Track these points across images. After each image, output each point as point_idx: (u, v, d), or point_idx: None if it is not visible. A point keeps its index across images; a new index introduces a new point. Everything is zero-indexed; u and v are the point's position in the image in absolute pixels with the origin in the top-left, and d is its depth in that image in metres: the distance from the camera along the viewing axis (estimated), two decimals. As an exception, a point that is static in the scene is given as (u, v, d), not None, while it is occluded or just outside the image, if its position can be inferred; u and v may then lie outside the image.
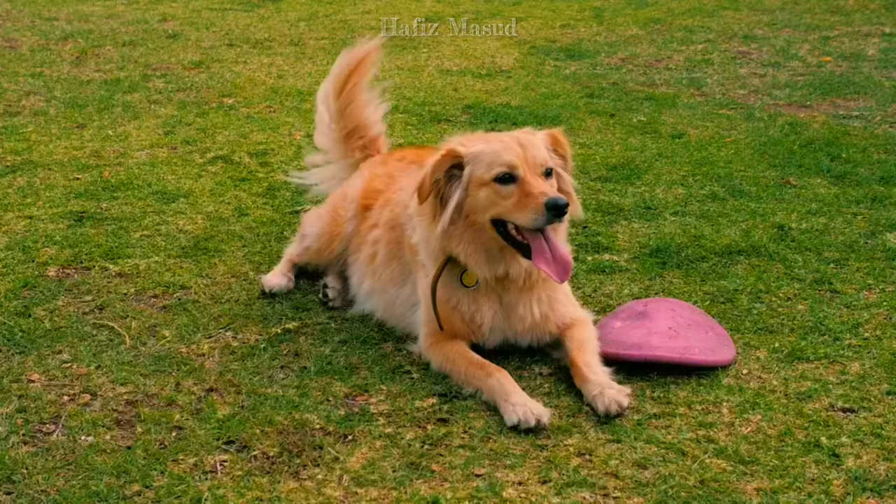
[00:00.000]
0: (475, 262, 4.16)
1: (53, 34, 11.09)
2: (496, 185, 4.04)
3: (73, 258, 5.26)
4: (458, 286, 4.24)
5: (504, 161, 4.03)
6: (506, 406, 3.85)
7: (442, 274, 4.23)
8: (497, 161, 4.04)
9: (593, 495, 3.41)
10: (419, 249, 4.34)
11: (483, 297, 4.24)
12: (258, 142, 7.32)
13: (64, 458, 3.60)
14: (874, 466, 3.54)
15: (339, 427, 3.79)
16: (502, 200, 4.03)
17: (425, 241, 4.28)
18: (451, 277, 4.24)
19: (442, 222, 4.12)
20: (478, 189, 4.08)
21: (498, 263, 4.15)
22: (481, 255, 4.15)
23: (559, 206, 3.93)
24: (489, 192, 4.05)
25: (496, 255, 4.15)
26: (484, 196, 4.06)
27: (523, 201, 3.99)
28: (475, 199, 4.09)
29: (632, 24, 12.15)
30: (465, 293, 4.24)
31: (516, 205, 4.00)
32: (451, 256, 4.20)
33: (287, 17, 12.45)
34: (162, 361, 4.28)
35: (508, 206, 4.02)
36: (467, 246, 4.14)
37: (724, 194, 6.25)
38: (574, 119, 7.92)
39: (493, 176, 4.04)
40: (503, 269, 4.16)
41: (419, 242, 4.33)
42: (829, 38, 11.17)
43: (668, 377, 4.12)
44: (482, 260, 4.15)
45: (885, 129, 7.67)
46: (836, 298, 4.84)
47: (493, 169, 4.04)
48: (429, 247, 4.26)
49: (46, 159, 6.85)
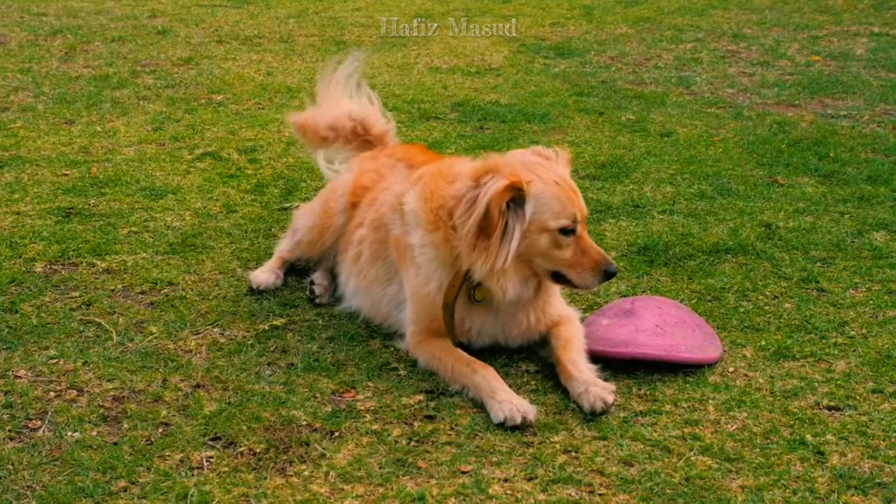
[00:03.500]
0: (505, 290, 4.08)
1: (42, 29, 11.06)
2: (559, 236, 4.02)
3: (61, 254, 5.25)
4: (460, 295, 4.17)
5: (570, 214, 4.02)
6: (492, 403, 3.85)
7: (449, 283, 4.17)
8: (564, 213, 4.01)
9: (579, 492, 3.42)
10: (416, 251, 4.25)
11: (478, 307, 4.21)
12: (247, 138, 7.31)
13: (50, 453, 3.59)
14: (859, 464, 3.56)
15: (326, 423, 3.79)
16: (559, 251, 4.03)
17: (432, 247, 4.17)
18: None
19: (500, 261, 3.99)
20: (539, 234, 4.02)
21: (524, 291, 4.15)
22: (517, 286, 4.10)
23: (612, 273, 4.06)
24: (549, 240, 4.02)
25: (528, 286, 4.15)
26: (544, 243, 4.02)
27: (580, 260, 4.03)
28: (534, 242, 4.03)
29: (621, 22, 12.16)
30: (463, 302, 4.19)
31: (572, 261, 4.03)
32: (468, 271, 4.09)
33: (277, 13, 12.43)
34: (149, 358, 4.27)
35: (565, 261, 4.04)
36: (506, 277, 4.05)
37: (711, 193, 6.26)
38: (563, 117, 7.93)
39: (559, 227, 4.01)
40: (522, 293, 4.15)
41: (418, 245, 4.23)
42: (817, 38, 11.21)
43: (655, 375, 4.13)
44: (516, 290, 4.11)
45: (873, 128, 7.70)
46: (822, 297, 4.86)
47: (560, 220, 4.00)
48: (439, 255, 4.16)
49: (34, 155, 6.83)
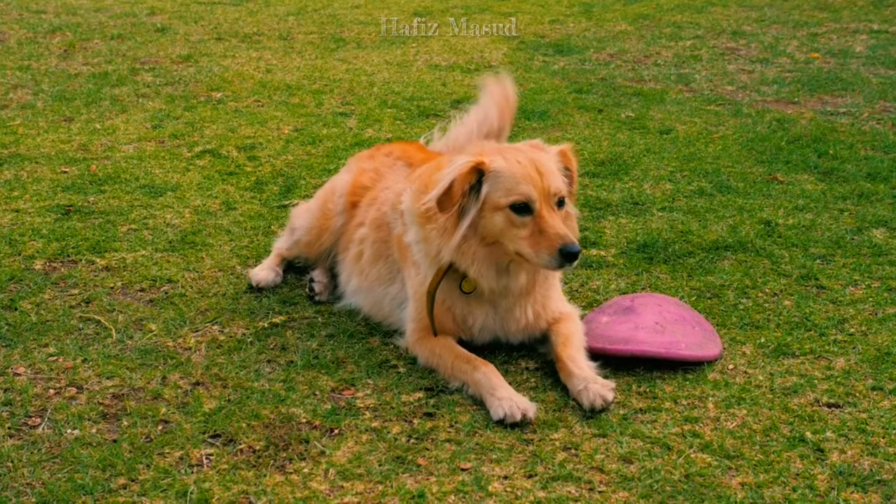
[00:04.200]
0: (482, 276, 4.09)
1: (41, 27, 11.05)
2: (511, 213, 3.97)
3: (60, 251, 5.24)
4: (452, 289, 4.21)
5: (522, 191, 3.95)
6: (492, 400, 3.85)
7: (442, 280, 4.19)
8: (514, 189, 3.95)
9: (579, 489, 3.42)
10: (414, 249, 4.28)
11: (476, 302, 4.22)
12: (246, 136, 7.31)
13: (49, 451, 3.59)
14: (858, 461, 3.56)
15: (326, 421, 3.79)
16: (516, 230, 3.96)
17: (424, 243, 4.20)
18: (447, 281, 4.19)
19: (454, 239, 4.03)
20: (493, 212, 3.99)
21: (504, 277, 4.12)
22: (491, 271, 4.09)
23: (573, 253, 3.88)
24: (503, 218, 3.98)
25: (504, 270, 4.12)
26: (499, 221, 3.99)
27: (537, 239, 3.92)
28: (490, 221, 4.01)
29: (620, 19, 12.16)
30: (459, 296, 4.22)
31: (530, 240, 3.94)
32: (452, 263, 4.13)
33: (276, 11, 12.43)
34: (148, 355, 4.27)
35: (522, 239, 3.95)
36: (478, 262, 4.06)
37: (711, 190, 6.26)
38: (562, 114, 7.92)
39: (509, 203, 3.96)
40: (505, 282, 4.13)
41: (414, 242, 4.27)
42: (817, 35, 11.20)
43: (655, 372, 4.13)
44: (491, 274, 4.10)
45: (873, 125, 7.70)
46: (822, 294, 4.86)
47: (510, 196, 3.96)
48: (428, 250, 4.18)
49: (34, 152, 6.83)
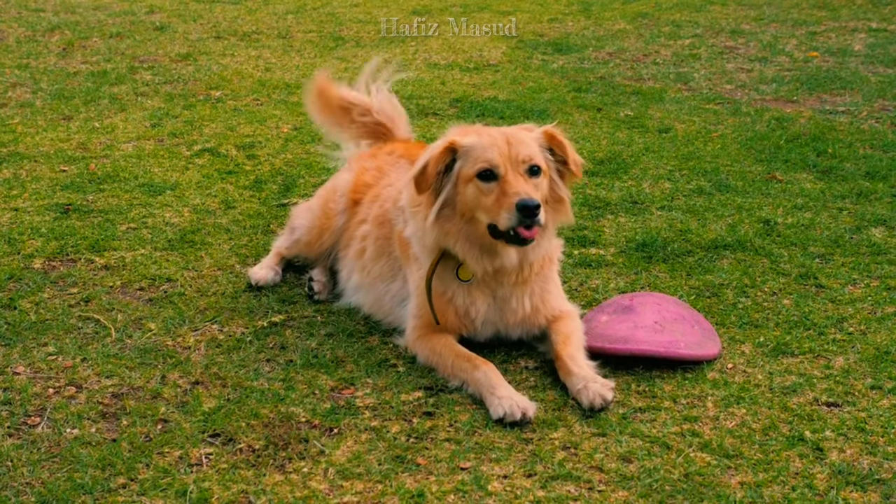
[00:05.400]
0: (470, 257, 4.13)
1: (40, 25, 11.04)
2: (478, 182, 4.02)
3: (59, 250, 5.24)
4: (452, 280, 4.23)
5: (486, 157, 4.01)
6: (492, 399, 3.85)
7: (437, 268, 4.22)
8: (480, 157, 4.02)
9: (578, 489, 3.42)
10: (412, 242, 4.31)
11: (477, 291, 4.23)
12: (245, 134, 7.30)
13: (49, 450, 3.59)
14: (857, 460, 3.56)
15: (325, 420, 3.79)
16: (485, 198, 4.00)
17: (419, 234, 4.24)
18: (446, 271, 4.22)
19: (431, 215, 4.10)
20: (465, 185, 4.06)
21: (492, 257, 4.13)
22: (476, 250, 4.12)
23: (529, 206, 3.87)
24: (473, 189, 4.04)
25: (490, 249, 4.12)
26: (470, 192, 4.05)
27: (500, 201, 3.96)
28: (463, 194, 4.07)
29: (619, 18, 12.16)
30: (459, 287, 4.23)
31: (495, 204, 3.98)
32: (445, 250, 4.17)
33: (275, 9, 12.42)
34: (147, 354, 4.27)
35: (492, 207, 3.98)
36: (462, 240, 4.11)
37: (710, 189, 6.26)
38: (561, 113, 7.92)
39: (475, 171, 4.02)
40: (498, 263, 4.13)
41: (412, 235, 4.30)
42: (815, 34, 11.20)
43: (654, 371, 4.13)
44: (477, 254, 4.12)
45: (871, 124, 7.70)
46: (821, 293, 4.86)
47: (476, 165, 4.03)
48: (423, 240, 4.22)
49: (33, 151, 6.83)
